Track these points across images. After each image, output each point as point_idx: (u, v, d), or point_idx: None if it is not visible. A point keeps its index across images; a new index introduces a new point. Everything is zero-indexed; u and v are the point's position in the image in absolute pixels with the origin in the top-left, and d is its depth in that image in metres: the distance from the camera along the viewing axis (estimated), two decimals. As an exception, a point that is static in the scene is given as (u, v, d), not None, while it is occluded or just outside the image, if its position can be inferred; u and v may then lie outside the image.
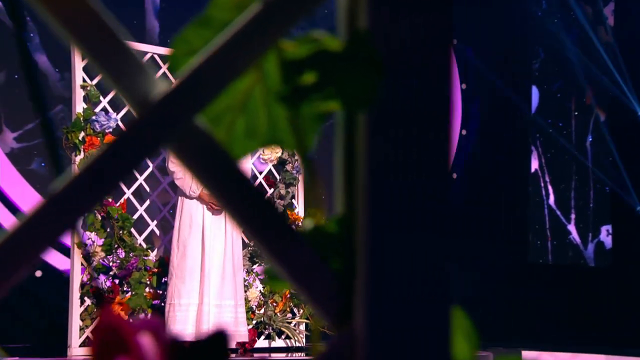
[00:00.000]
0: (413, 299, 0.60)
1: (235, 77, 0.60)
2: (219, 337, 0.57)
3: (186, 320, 5.25)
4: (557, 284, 8.68)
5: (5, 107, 6.93)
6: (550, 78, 8.77)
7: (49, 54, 7.12)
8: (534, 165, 8.75)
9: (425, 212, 0.61)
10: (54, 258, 6.67)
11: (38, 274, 6.94)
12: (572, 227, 8.79)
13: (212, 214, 5.28)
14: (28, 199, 6.76)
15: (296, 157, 6.19)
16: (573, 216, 8.80)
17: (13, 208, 6.69)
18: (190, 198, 5.31)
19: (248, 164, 5.56)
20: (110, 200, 5.37)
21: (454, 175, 8.27)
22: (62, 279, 6.25)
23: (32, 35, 7.13)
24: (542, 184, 8.77)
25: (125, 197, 5.55)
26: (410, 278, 0.61)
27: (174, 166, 5.29)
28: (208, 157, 0.62)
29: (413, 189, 0.62)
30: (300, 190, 6.21)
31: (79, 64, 5.42)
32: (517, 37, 8.61)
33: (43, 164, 6.94)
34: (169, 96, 0.60)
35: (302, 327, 6.09)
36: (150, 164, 5.68)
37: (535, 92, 8.80)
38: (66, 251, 5.78)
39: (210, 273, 5.25)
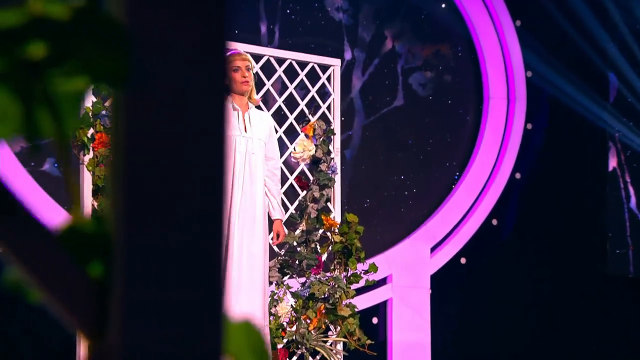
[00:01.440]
0: (176, 310, 0.56)
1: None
2: None
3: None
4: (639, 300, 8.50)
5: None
6: (629, 63, 8.59)
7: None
8: (612, 163, 8.58)
9: (195, 211, 0.56)
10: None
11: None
12: (657, 234, 8.62)
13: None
14: (39, 203, 6.82)
15: (332, 156, 6.14)
16: (658, 221, 8.63)
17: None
18: None
19: (278, 164, 5.52)
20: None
21: (518, 176, 8.15)
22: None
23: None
24: (622, 185, 8.59)
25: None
26: (174, 285, 0.56)
27: None
28: None
29: (180, 185, 0.57)
30: (336, 193, 6.17)
31: (87, 53, 5.45)
32: (590, 17, 8.46)
33: (56, 165, 7.00)
34: None
35: (340, 346, 6.04)
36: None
37: (612, 80, 8.64)
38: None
39: (238, 288, 5.22)
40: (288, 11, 7.41)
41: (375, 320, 7.45)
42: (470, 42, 8.12)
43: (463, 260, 7.85)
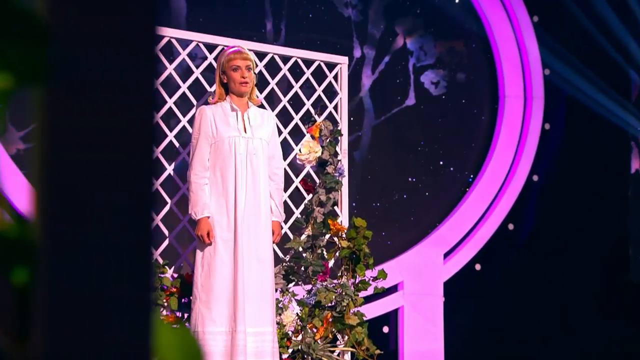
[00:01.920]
0: (101, 313, 0.56)
1: None
2: None
3: (214, 353, 5.22)
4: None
5: (11, 101, 7.04)
6: (653, 61, 8.56)
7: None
8: (635, 165, 8.54)
9: (122, 213, 0.56)
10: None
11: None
12: (682, 239, 8.57)
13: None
14: (36, 207, 6.82)
15: (339, 158, 6.12)
16: (683, 226, 8.58)
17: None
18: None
19: (279, 163, 5.51)
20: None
21: (535, 178, 8.12)
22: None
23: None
24: (645, 188, 8.56)
25: (139, 204, 5.56)
26: (98, 289, 0.56)
27: (198, 178, 5.26)
28: None
29: (106, 184, 0.57)
30: (344, 196, 6.15)
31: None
32: (610, 12, 8.42)
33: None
34: None
35: (347, 356, 6.03)
36: (168, 166, 5.70)
37: (634, 78, 8.59)
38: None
39: (245, 294, 5.20)
40: (295, 7, 7.41)
41: (386, 329, 7.43)
42: (485, 38, 8.09)
43: (478, 267, 7.81)
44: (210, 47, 5.89)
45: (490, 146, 7.96)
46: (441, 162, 7.84)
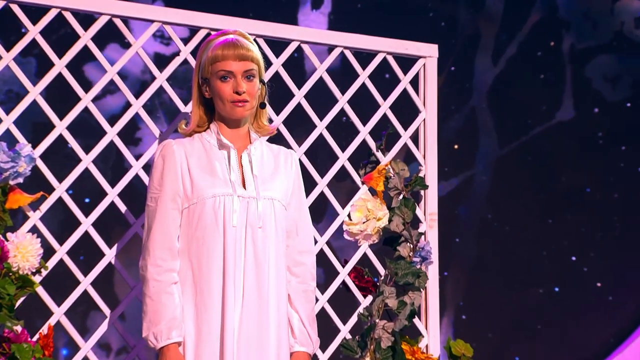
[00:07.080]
0: None
1: None
2: None
3: None
4: None
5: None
6: None
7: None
8: None
9: None
10: None
11: None
12: None
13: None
14: None
15: (421, 229, 6.06)
16: None
17: None
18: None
19: (306, 244, 5.39)
20: (16, 328, 5.36)
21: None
22: None
23: None
24: None
25: (54, 319, 5.57)
26: None
27: (159, 273, 5.19)
28: None
29: None
30: (431, 299, 6.12)
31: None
32: None
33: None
34: None
35: None
36: (107, 250, 5.68)
37: None
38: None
39: None
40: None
41: None
42: None
43: None
44: (192, 32, 5.91)
45: None
46: (625, 225, 7.72)
